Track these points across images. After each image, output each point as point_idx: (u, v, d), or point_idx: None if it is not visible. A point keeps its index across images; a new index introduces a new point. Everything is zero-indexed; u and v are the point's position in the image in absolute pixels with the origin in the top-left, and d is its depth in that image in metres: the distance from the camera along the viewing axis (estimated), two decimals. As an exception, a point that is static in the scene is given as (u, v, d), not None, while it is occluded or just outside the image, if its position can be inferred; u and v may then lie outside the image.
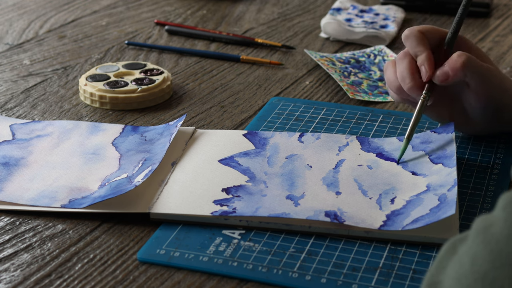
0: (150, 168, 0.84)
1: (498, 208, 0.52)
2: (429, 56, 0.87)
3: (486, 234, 0.51)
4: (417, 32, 0.88)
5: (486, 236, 0.51)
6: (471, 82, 0.86)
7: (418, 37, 0.88)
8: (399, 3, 1.40)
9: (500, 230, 0.51)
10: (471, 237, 0.53)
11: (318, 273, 0.72)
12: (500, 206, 0.52)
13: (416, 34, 0.88)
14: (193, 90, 1.09)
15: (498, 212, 0.52)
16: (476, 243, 0.52)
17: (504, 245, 0.50)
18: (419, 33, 0.88)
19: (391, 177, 0.85)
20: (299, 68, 1.16)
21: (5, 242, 0.77)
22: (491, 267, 0.50)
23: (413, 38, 0.88)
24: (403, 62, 0.89)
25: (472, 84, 0.87)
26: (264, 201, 0.80)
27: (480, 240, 0.52)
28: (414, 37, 0.88)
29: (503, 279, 0.49)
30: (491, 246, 0.51)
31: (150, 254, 0.74)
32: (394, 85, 0.90)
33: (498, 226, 0.51)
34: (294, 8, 1.42)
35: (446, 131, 0.90)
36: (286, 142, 0.92)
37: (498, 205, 0.53)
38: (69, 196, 0.82)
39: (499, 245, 0.50)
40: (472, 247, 0.52)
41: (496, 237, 0.51)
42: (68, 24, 1.32)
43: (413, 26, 0.90)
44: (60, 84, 1.10)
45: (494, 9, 1.42)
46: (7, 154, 0.90)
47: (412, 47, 0.88)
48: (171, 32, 1.29)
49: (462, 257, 0.53)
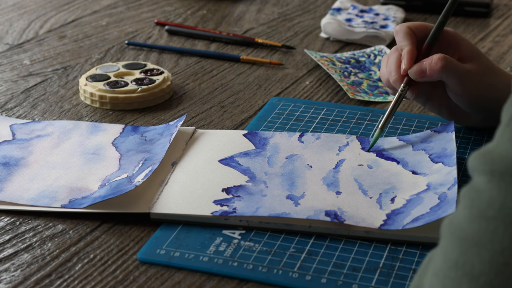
0: (150, 168, 0.84)
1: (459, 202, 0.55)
2: (411, 50, 0.90)
3: (451, 226, 0.54)
4: (406, 27, 0.91)
5: (451, 227, 0.54)
6: (447, 82, 0.89)
7: (406, 32, 0.91)
8: (399, 3, 1.40)
9: (463, 217, 0.53)
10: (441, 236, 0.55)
11: (318, 273, 0.72)
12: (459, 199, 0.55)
13: (405, 30, 0.91)
14: (193, 90, 1.09)
15: (459, 205, 0.55)
16: (444, 238, 0.54)
17: (468, 230, 0.52)
18: (408, 29, 0.91)
19: (391, 176, 0.85)
20: (299, 68, 1.16)
21: (5, 242, 0.77)
22: (460, 252, 0.52)
23: (401, 33, 0.91)
24: (392, 56, 0.92)
25: (449, 84, 0.89)
26: (264, 201, 0.80)
27: (447, 233, 0.54)
28: (402, 32, 0.91)
29: (473, 259, 0.51)
30: (457, 234, 0.53)
31: (150, 254, 0.74)
32: (384, 78, 0.93)
33: (460, 215, 0.54)
34: (294, 8, 1.42)
35: (446, 130, 0.90)
36: (286, 142, 0.92)
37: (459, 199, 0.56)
38: (69, 196, 0.82)
39: (464, 232, 0.53)
40: (442, 243, 0.55)
41: (459, 225, 0.53)
42: (68, 24, 1.32)
43: (405, 22, 0.93)
44: (60, 84, 1.10)
45: (494, 9, 1.42)
46: (7, 154, 0.90)
47: (399, 41, 0.91)
48: (171, 32, 1.29)
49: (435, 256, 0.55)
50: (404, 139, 0.92)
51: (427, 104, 0.95)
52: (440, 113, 0.95)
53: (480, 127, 0.96)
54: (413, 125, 0.98)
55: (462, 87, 0.89)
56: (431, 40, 0.91)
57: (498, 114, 0.91)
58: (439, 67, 0.87)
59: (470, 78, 0.89)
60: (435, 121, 0.98)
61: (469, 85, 0.89)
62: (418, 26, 0.92)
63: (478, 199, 0.52)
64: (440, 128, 0.92)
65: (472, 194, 0.53)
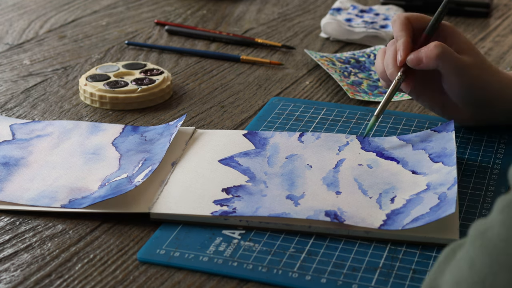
0: (150, 168, 0.84)
1: (495, 212, 0.52)
2: (406, 42, 0.90)
3: (484, 238, 0.51)
4: (403, 18, 0.91)
5: (484, 241, 0.51)
6: (443, 72, 0.89)
7: (402, 23, 0.91)
8: (399, 3, 1.40)
9: (497, 233, 0.50)
10: (468, 242, 0.53)
11: (318, 273, 0.72)
12: (497, 209, 0.52)
13: (402, 20, 0.91)
14: (193, 90, 1.09)
15: (495, 216, 0.52)
16: (473, 248, 0.52)
17: (501, 249, 0.50)
18: (405, 19, 0.91)
19: (391, 176, 0.85)
20: (299, 68, 1.16)
21: (5, 242, 0.77)
22: (489, 271, 0.50)
23: (398, 23, 0.91)
24: (390, 49, 0.92)
25: (445, 74, 0.89)
26: (264, 201, 0.80)
27: (478, 245, 0.51)
28: (399, 22, 0.91)
29: (502, 283, 0.49)
30: (488, 251, 0.50)
31: (150, 254, 0.74)
32: (380, 71, 0.93)
33: (495, 230, 0.51)
34: (294, 8, 1.42)
35: (446, 130, 0.90)
36: (286, 142, 0.92)
37: (494, 208, 0.52)
38: (69, 196, 0.82)
39: (497, 249, 0.50)
40: (469, 252, 0.52)
41: (493, 241, 0.50)
42: (68, 24, 1.32)
43: (404, 13, 0.93)
44: (60, 84, 1.10)
45: (494, 9, 1.42)
46: (7, 154, 0.90)
47: (395, 31, 0.91)
48: (171, 32, 1.29)
49: (460, 262, 0.53)
50: (404, 139, 0.92)
51: (420, 99, 0.95)
52: (432, 108, 0.96)
53: (469, 124, 0.96)
54: (413, 125, 0.98)
55: (457, 77, 0.89)
56: (430, 29, 0.92)
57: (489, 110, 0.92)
58: (435, 54, 0.87)
59: (465, 69, 0.89)
60: (435, 121, 0.98)
61: (464, 77, 0.89)
62: (416, 17, 0.92)
63: None
64: (440, 127, 0.92)
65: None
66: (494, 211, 0.52)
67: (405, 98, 1.06)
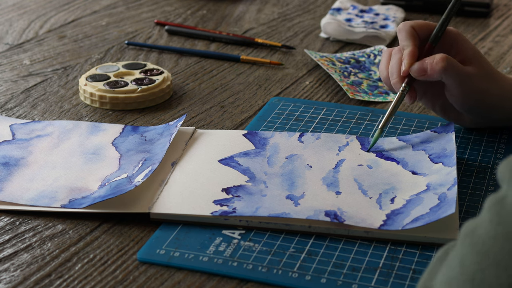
0: (150, 168, 0.84)
1: (484, 210, 0.53)
2: (412, 52, 0.89)
3: (473, 236, 0.52)
4: (409, 27, 0.91)
5: (473, 238, 0.52)
6: (446, 83, 0.89)
7: (408, 32, 0.90)
8: (399, 3, 1.40)
9: (486, 231, 0.51)
10: (459, 241, 0.53)
11: (318, 273, 0.72)
12: (485, 207, 0.53)
13: (407, 29, 0.90)
14: (193, 90, 1.09)
15: (484, 214, 0.52)
16: (463, 246, 0.52)
17: (490, 246, 0.50)
18: (410, 28, 0.90)
19: (391, 176, 0.85)
20: (299, 68, 1.16)
21: (5, 242, 0.77)
22: (478, 268, 0.50)
23: (404, 33, 0.90)
24: (395, 57, 0.91)
25: (448, 85, 0.89)
26: (264, 201, 0.80)
27: (468, 243, 0.52)
28: (405, 31, 0.90)
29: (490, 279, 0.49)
30: (477, 248, 0.51)
31: (150, 254, 0.74)
32: (384, 76, 0.93)
33: (484, 228, 0.51)
34: (294, 8, 1.42)
35: (446, 131, 0.91)
36: (286, 142, 0.92)
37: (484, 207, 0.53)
38: (69, 196, 0.82)
39: (485, 246, 0.51)
40: (460, 250, 0.53)
41: (482, 239, 0.51)
42: (68, 24, 1.32)
43: (409, 21, 0.92)
44: (60, 84, 1.10)
45: (494, 9, 1.42)
46: (7, 154, 0.90)
47: (401, 40, 0.91)
48: (171, 32, 1.29)
49: (451, 261, 0.53)
50: (404, 139, 0.92)
51: (423, 100, 0.95)
52: (433, 109, 0.96)
53: (469, 127, 0.96)
54: (413, 125, 0.98)
55: (460, 89, 0.88)
56: (434, 39, 0.91)
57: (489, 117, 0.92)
58: (440, 67, 0.87)
59: (469, 81, 0.88)
60: (435, 121, 0.98)
61: (467, 88, 0.89)
62: (421, 25, 0.91)
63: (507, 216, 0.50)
64: (440, 128, 0.92)
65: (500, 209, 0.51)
66: (483, 210, 0.53)
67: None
